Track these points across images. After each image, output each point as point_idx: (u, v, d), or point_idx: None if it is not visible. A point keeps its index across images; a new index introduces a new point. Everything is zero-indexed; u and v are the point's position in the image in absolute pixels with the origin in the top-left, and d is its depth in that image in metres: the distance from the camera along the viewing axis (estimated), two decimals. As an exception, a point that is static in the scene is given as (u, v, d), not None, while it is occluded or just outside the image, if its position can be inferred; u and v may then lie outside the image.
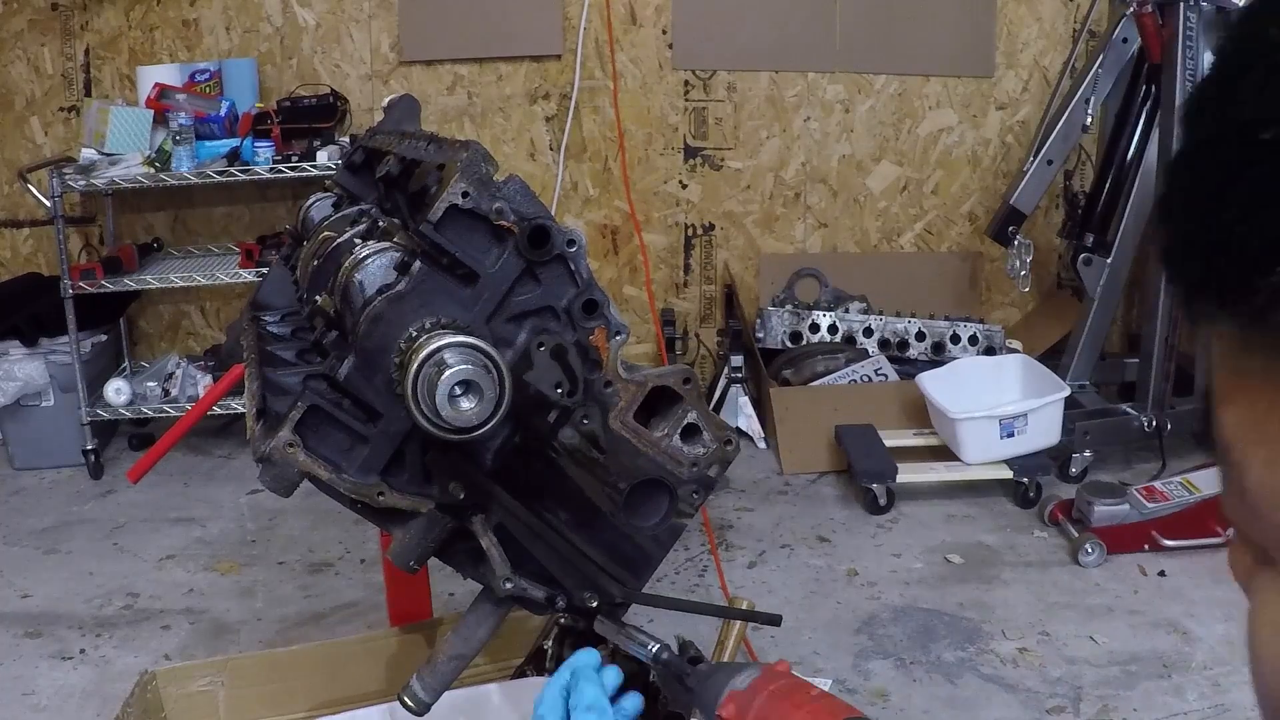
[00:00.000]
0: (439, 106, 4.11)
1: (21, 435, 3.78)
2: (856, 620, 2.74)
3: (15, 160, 4.04)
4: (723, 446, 1.21)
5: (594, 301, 1.13)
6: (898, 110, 4.21)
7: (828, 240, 4.30)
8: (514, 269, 1.10)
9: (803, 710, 0.92)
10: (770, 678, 0.98)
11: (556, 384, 1.12)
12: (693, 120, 4.18)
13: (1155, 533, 3.00)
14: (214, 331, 4.29)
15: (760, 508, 3.40)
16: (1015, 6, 4.14)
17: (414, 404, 0.99)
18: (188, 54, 4.02)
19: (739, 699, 0.97)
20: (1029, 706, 2.37)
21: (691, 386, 1.19)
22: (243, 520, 3.37)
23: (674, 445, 1.19)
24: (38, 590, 2.96)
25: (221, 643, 2.68)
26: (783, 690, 0.96)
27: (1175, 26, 3.28)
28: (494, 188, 1.09)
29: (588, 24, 4.05)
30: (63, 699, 2.46)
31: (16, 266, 4.16)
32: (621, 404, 1.16)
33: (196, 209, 4.17)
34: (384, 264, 1.17)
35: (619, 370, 1.15)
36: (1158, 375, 3.44)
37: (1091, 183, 3.87)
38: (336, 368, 1.09)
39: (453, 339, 1.00)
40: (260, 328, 1.59)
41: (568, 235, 1.11)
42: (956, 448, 3.41)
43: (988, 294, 4.37)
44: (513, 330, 1.12)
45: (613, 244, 4.27)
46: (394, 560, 1.16)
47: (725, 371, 3.92)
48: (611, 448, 1.15)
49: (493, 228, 1.09)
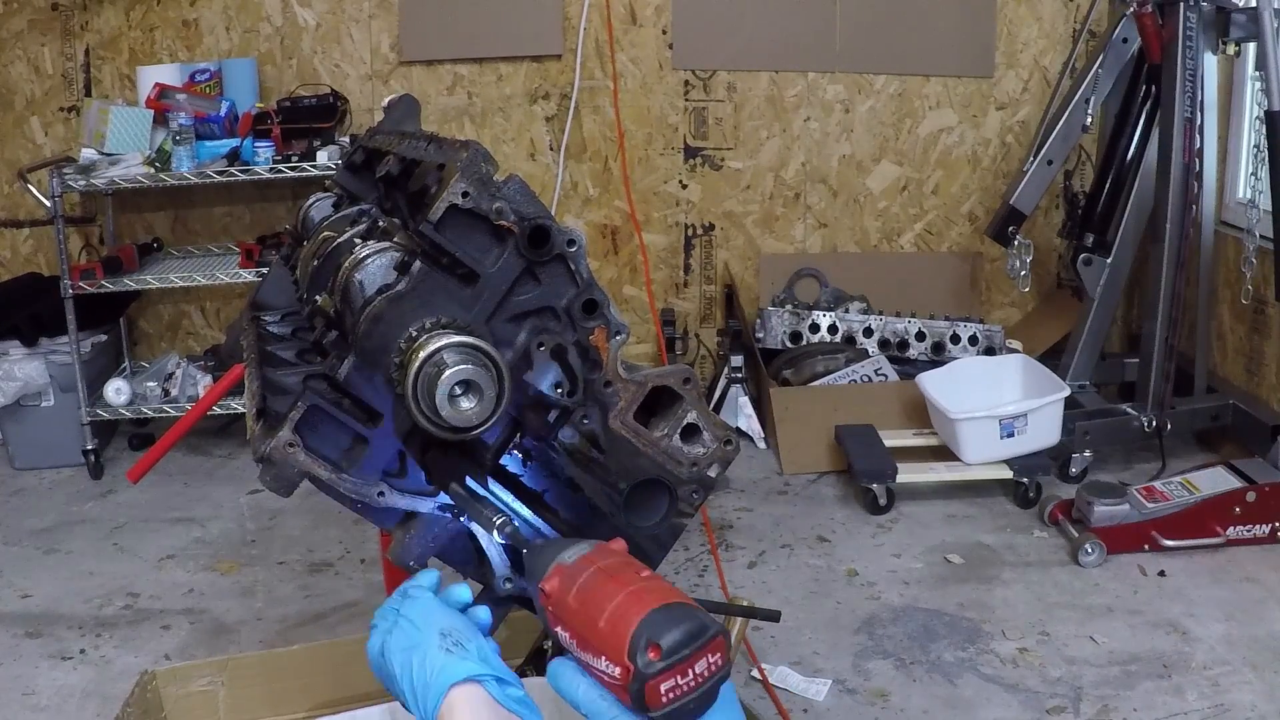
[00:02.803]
0: (439, 106, 4.11)
1: (21, 435, 3.78)
2: (856, 620, 2.74)
3: (15, 160, 4.04)
4: (723, 446, 1.21)
5: (594, 301, 1.13)
6: (898, 110, 4.21)
7: (828, 240, 4.30)
8: (514, 269, 1.10)
9: (626, 589, 0.90)
10: (601, 554, 0.96)
11: (556, 384, 1.12)
12: (693, 120, 4.18)
13: (1155, 533, 3.00)
14: (214, 331, 4.29)
15: (760, 508, 3.40)
16: (1015, 6, 4.14)
17: (414, 404, 0.99)
18: (188, 54, 4.02)
19: (564, 572, 0.96)
20: (1029, 706, 2.37)
21: (691, 386, 1.19)
22: (243, 520, 3.37)
23: (674, 445, 1.19)
24: (38, 590, 2.96)
25: (221, 643, 2.68)
26: (610, 568, 0.94)
27: (1175, 26, 3.28)
28: (494, 187, 1.09)
29: (588, 24, 4.06)
30: (63, 699, 2.46)
31: (16, 266, 4.16)
32: (621, 404, 1.16)
33: (196, 209, 4.17)
34: (384, 264, 1.17)
35: (619, 370, 1.15)
36: (1158, 375, 3.44)
37: (1091, 183, 3.88)
38: (336, 367, 1.09)
39: (453, 339, 1.00)
40: (260, 328, 1.59)
41: (568, 235, 1.11)
42: (956, 448, 3.41)
43: (988, 294, 4.37)
44: (513, 330, 1.12)
45: (613, 244, 4.27)
46: (394, 560, 1.16)
47: (725, 371, 3.92)
48: (611, 448, 1.15)
49: (493, 228, 1.09)
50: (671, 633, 0.86)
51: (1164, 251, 3.39)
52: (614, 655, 0.88)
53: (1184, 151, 3.33)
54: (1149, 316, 3.50)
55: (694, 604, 0.90)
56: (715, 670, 0.88)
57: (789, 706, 2.38)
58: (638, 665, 0.86)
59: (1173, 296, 3.40)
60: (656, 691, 0.86)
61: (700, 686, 0.87)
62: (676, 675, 0.86)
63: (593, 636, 0.90)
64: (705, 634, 0.87)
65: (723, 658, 0.89)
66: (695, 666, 0.87)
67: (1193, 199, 3.36)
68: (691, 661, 0.86)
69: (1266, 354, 3.56)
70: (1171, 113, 3.33)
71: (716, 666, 0.88)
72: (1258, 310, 3.57)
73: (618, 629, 0.88)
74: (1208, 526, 3.01)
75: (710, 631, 0.88)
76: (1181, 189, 3.35)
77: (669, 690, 0.86)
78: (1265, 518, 3.03)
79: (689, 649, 0.86)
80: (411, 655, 0.99)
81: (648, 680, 0.86)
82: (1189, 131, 3.32)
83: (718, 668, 0.88)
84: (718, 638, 0.88)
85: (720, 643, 0.88)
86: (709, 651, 0.87)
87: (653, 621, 0.87)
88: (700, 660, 0.87)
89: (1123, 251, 3.68)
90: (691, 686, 0.87)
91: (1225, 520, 3.01)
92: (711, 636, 0.88)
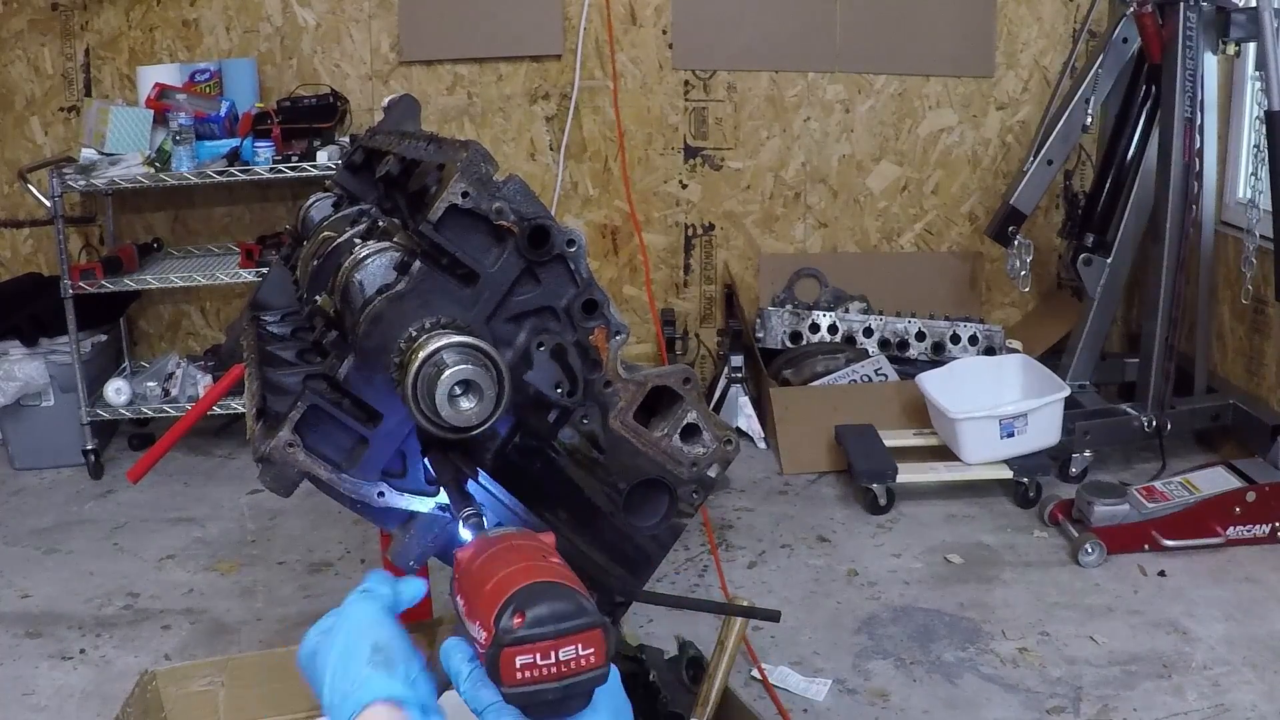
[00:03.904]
0: (439, 106, 4.11)
1: (21, 435, 3.78)
2: (856, 620, 2.74)
3: (15, 160, 4.04)
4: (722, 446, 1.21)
5: (594, 301, 1.13)
6: (898, 110, 4.21)
7: (828, 240, 4.30)
8: (514, 269, 1.10)
9: (524, 562, 0.87)
10: (523, 536, 0.94)
11: (556, 384, 1.12)
12: (693, 120, 4.18)
13: (1155, 533, 3.00)
14: (214, 331, 4.29)
15: (760, 508, 3.40)
16: (1015, 6, 4.14)
17: (414, 404, 0.99)
18: (188, 54, 4.02)
19: (480, 544, 0.94)
20: (1029, 706, 2.37)
21: (691, 386, 1.19)
22: (243, 520, 3.37)
23: (674, 445, 1.19)
24: (38, 590, 2.96)
25: (221, 643, 2.68)
26: (522, 546, 0.91)
27: (1175, 26, 3.28)
28: (494, 188, 1.09)
29: (588, 24, 4.06)
30: (63, 699, 2.46)
31: (16, 266, 4.16)
32: (621, 404, 1.16)
33: (196, 209, 4.17)
34: (384, 264, 1.17)
35: (619, 370, 1.15)
36: (1158, 375, 3.44)
37: (1091, 183, 3.87)
38: (336, 367, 1.09)
39: (452, 339, 1.00)
40: (260, 328, 1.59)
41: (568, 235, 1.11)
42: (956, 448, 3.41)
43: (988, 294, 4.37)
44: (513, 330, 1.12)
45: (613, 244, 4.27)
46: (394, 560, 1.16)
47: (725, 371, 3.92)
48: (611, 448, 1.15)
49: (493, 228, 1.09)
50: (540, 605, 0.81)
51: (1164, 251, 3.39)
52: (485, 619, 0.84)
53: (1184, 151, 3.33)
54: (1149, 316, 3.50)
55: (585, 596, 0.85)
56: (585, 666, 0.82)
57: (789, 706, 2.38)
58: (499, 629, 0.82)
59: (1173, 296, 3.40)
60: (511, 663, 0.81)
61: (564, 678, 0.81)
62: (536, 653, 0.81)
63: (476, 601, 0.87)
64: (577, 618, 0.81)
65: (598, 655, 0.82)
66: (559, 651, 0.81)
67: (1193, 199, 3.36)
68: (556, 643, 0.81)
69: (1266, 354, 3.56)
70: (1171, 113, 3.33)
71: (587, 662, 0.82)
72: (1258, 310, 3.57)
73: (497, 593, 0.84)
74: (1208, 526, 3.01)
75: (585, 619, 0.82)
76: (1181, 189, 3.35)
77: (524, 667, 0.81)
78: (1265, 518, 3.02)
79: (554, 626, 0.81)
80: (339, 663, 0.94)
81: (504, 646, 0.81)
82: (1189, 131, 3.32)
83: (588, 664, 0.82)
84: (593, 630, 0.82)
85: (596, 637, 0.82)
86: (579, 641, 0.81)
87: (528, 590, 0.83)
88: (567, 646, 0.81)
89: (1123, 251, 3.68)
90: (552, 673, 0.81)
91: (1225, 520, 3.01)
92: (585, 625, 0.82)
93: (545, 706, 0.83)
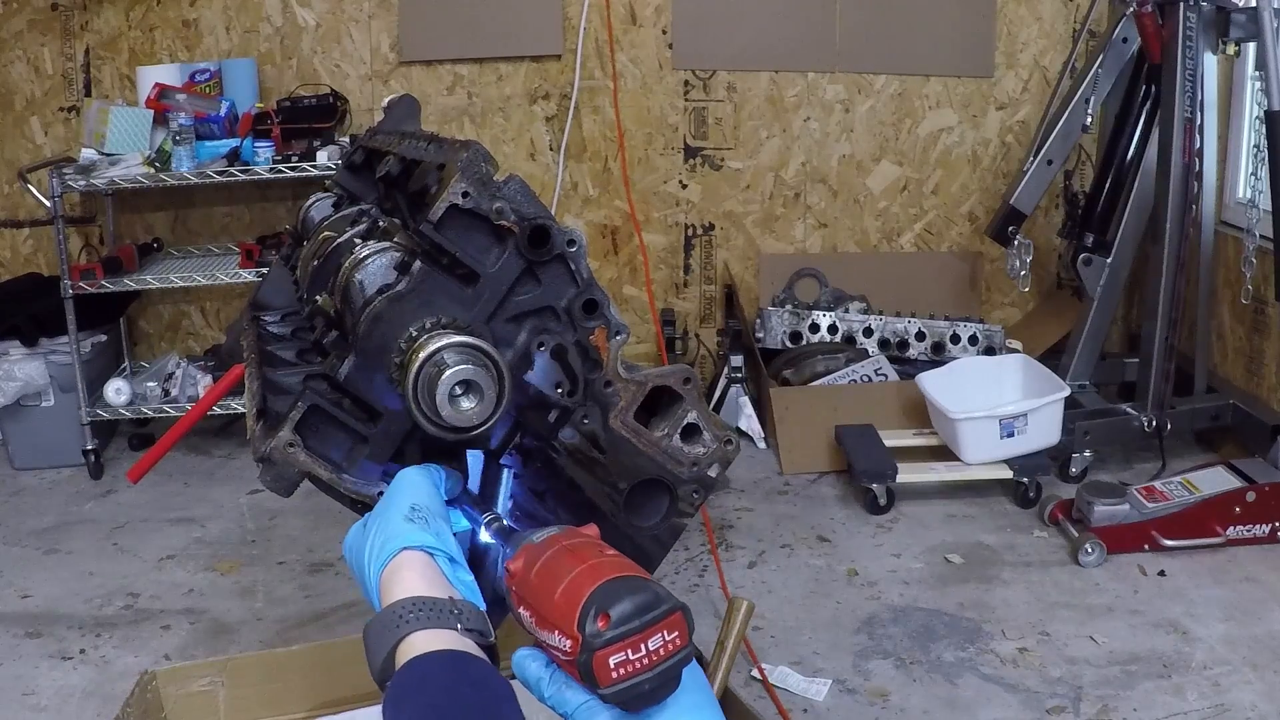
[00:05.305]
0: (439, 106, 4.11)
1: (21, 435, 3.78)
2: (856, 620, 2.74)
3: (15, 160, 4.04)
4: (723, 446, 1.20)
5: (594, 301, 1.13)
6: (898, 110, 4.21)
7: (828, 240, 4.30)
8: (514, 269, 1.10)
9: (585, 563, 0.87)
10: (568, 535, 0.94)
11: (556, 384, 1.12)
12: (693, 120, 4.18)
13: (1155, 533, 3.00)
14: (214, 331, 4.29)
15: (760, 508, 3.40)
16: (1015, 6, 4.14)
17: (414, 404, 0.99)
18: (188, 54, 4.02)
19: (529, 551, 0.93)
20: (1029, 706, 2.37)
21: (691, 386, 1.19)
22: (243, 520, 3.37)
23: (674, 445, 1.19)
24: (38, 590, 2.96)
25: (221, 643, 2.68)
26: (574, 546, 0.91)
27: (1175, 26, 3.28)
28: (494, 187, 1.08)
29: (588, 24, 4.06)
30: (63, 699, 2.46)
31: (16, 266, 4.16)
32: (621, 404, 1.16)
33: (196, 209, 4.18)
34: (384, 264, 1.17)
35: (619, 370, 1.15)
36: (1158, 375, 3.44)
37: (1091, 183, 3.87)
38: (337, 367, 1.09)
39: (453, 339, 1.00)
40: (260, 328, 1.59)
41: (568, 235, 1.11)
42: (956, 448, 3.41)
43: (988, 294, 4.37)
44: (513, 330, 1.12)
45: (613, 244, 4.27)
46: (394, 560, 1.15)
47: (725, 371, 3.92)
48: (611, 448, 1.15)
49: (493, 228, 1.09)
50: (622, 602, 0.82)
51: (1164, 251, 3.39)
52: (565, 627, 0.84)
53: (1184, 151, 3.33)
54: (1149, 316, 3.50)
55: (653, 581, 0.86)
56: (673, 650, 0.83)
57: (789, 706, 2.38)
58: (585, 634, 0.82)
59: (1173, 296, 3.40)
60: (605, 665, 0.81)
61: (656, 666, 0.82)
62: (627, 649, 0.81)
63: (549, 611, 0.87)
64: (659, 607, 0.83)
65: (681, 637, 0.84)
66: (648, 642, 0.82)
67: (1193, 199, 3.36)
68: (644, 635, 0.82)
69: (1266, 354, 3.56)
70: (1171, 113, 3.33)
71: (674, 646, 0.83)
72: (1258, 310, 3.57)
73: (571, 600, 0.84)
74: (1208, 526, 3.01)
75: (665, 606, 0.83)
76: (1181, 189, 3.35)
77: (619, 665, 0.81)
78: (1265, 518, 3.03)
79: (639, 620, 0.82)
80: (382, 516, 1.00)
81: (596, 650, 0.81)
82: (1189, 131, 3.32)
83: (675, 647, 0.83)
84: (674, 614, 0.83)
85: (678, 620, 0.83)
86: (664, 628, 0.82)
87: (605, 590, 0.83)
88: (654, 636, 0.82)
89: (1123, 251, 3.68)
90: (645, 664, 0.82)
91: (1225, 520, 3.01)
92: (667, 611, 0.83)
93: (641, 699, 0.84)
